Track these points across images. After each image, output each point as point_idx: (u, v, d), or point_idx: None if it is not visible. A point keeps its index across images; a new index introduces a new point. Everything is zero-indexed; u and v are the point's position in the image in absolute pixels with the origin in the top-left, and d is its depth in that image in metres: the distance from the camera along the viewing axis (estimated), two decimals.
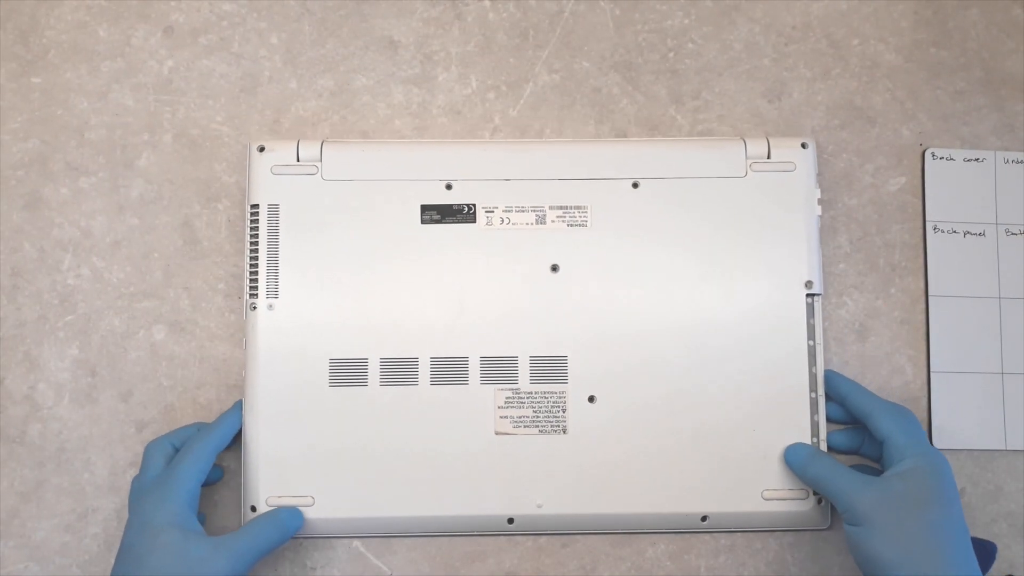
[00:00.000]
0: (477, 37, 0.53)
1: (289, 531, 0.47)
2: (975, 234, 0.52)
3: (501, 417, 0.48)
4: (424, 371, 0.48)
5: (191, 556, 0.42)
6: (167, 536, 0.42)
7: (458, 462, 0.48)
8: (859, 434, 0.49)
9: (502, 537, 0.50)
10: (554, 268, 0.49)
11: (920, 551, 0.42)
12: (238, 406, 0.48)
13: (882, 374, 0.52)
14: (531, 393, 0.49)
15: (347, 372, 0.48)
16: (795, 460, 0.48)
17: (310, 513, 0.48)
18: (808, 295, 0.50)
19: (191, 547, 0.43)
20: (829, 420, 0.50)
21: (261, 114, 0.52)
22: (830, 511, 0.50)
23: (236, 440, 0.49)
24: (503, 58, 0.53)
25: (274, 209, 0.49)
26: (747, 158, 0.50)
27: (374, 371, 0.48)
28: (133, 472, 0.50)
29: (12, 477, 0.50)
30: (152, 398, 0.50)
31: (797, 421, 0.49)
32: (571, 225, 0.50)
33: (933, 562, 0.42)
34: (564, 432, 0.49)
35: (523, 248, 0.49)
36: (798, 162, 0.50)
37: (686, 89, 0.53)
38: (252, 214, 0.49)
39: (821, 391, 0.49)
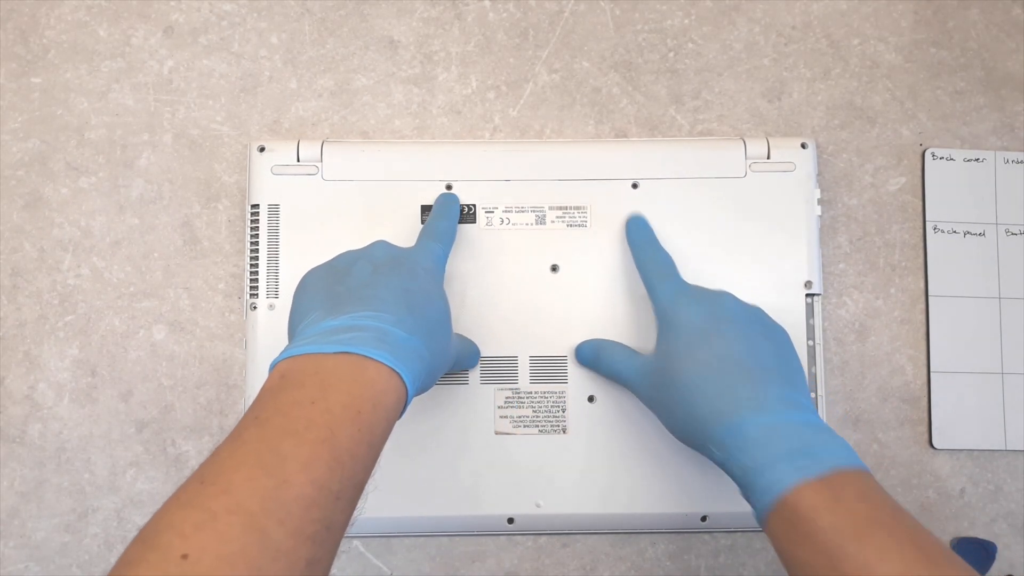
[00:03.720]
0: (477, 37, 0.53)
1: (474, 360, 0.48)
2: (975, 234, 0.52)
3: (501, 417, 0.49)
4: None
5: (444, 304, 0.40)
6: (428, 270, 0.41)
7: (458, 462, 0.48)
8: None
9: (502, 537, 0.50)
10: (554, 268, 0.49)
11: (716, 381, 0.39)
12: (447, 200, 0.48)
13: (882, 374, 0.52)
14: (531, 393, 0.49)
15: None
16: (585, 358, 0.48)
17: None
18: (808, 295, 0.50)
19: (444, 299, 0.41)
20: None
21: (261, 114, 0.52)
22: None
23: None
24: (503, 58, 0.53)
25: (274, 209, 0.49)
26: (747, 158, 0.50)
27: None
28: (133, 472, 0.50)
29: (12, 477, 0.50)
30: (152, 398, 0.50)
31: None
32: (571, 225, 0.50)
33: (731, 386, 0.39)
34: (564, 432, 0.49)
35: (523, 248, 0.49)
36: (798, 162, 0.50)
37: (686, 89, 0.53)
38: (252, 214, 0.49)
39: (822, 391, 0.49)
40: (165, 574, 0.25)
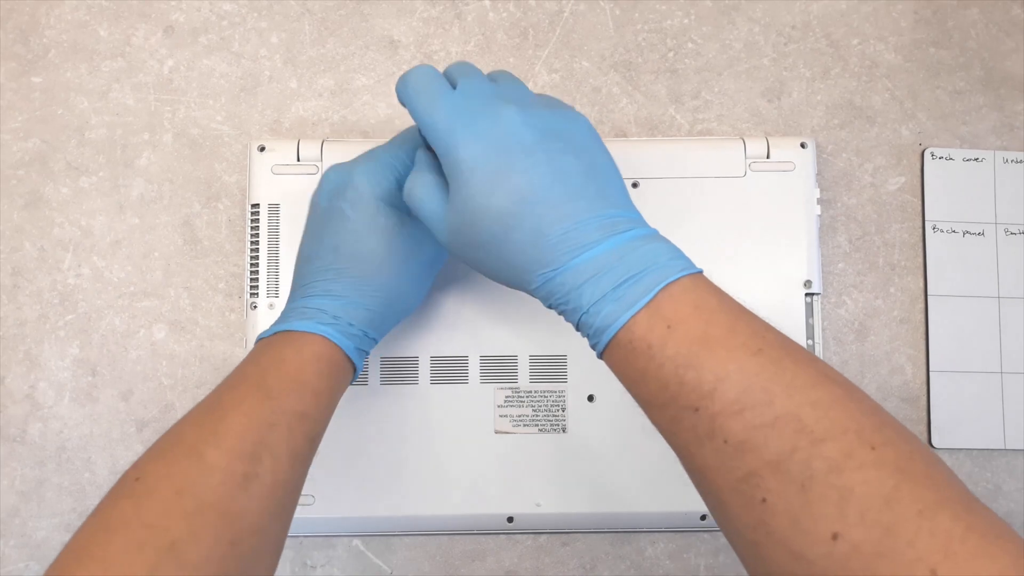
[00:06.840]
0: (477, 37, 0.53)
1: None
2: (974, 234, 0.52)
3: (501, 416, 0.49)
4: (424, 370, 0.48)
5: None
6: (384, 209, 0.41)
7: (458, 461, 0.48)
8: None
9: (502, 536, 0.50)
10: None
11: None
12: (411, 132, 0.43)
13: (881, 373, 0.52)
14: (531, 392, 0.49)
15: None
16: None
17: (310, 512, 0.48)
18: (807, 294, 0.50)
19: (409, 224, 0.41)
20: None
21: (261, 114, 0.52)
22: None
23: None
24: (503, 58, 0.53)
25: (274, 209, 0.49)
26: (746, 158, 0.50)
27: (374, 370, 0.48)
28: None
29: (12, 476, 0.50)
30: (152, 397, 0.50)
31: None
32: None
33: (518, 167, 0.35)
34: (564, 431, 0.49)
35: None
36: (797, 162, 0.50)
37: (686, 89, 0.53)
38: (252, 214, 0.49)
39: None
40: (121, 494, 0.33)
